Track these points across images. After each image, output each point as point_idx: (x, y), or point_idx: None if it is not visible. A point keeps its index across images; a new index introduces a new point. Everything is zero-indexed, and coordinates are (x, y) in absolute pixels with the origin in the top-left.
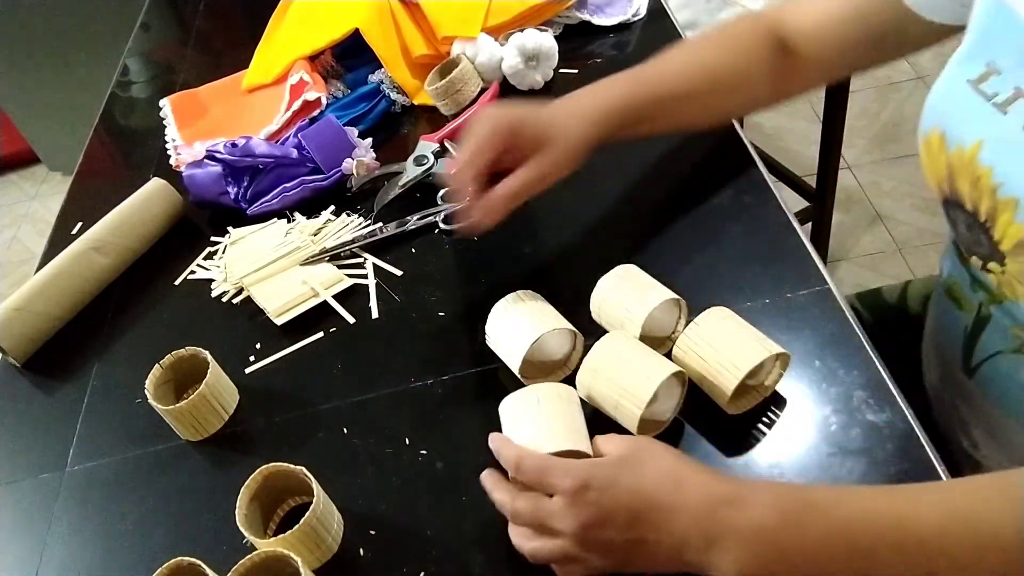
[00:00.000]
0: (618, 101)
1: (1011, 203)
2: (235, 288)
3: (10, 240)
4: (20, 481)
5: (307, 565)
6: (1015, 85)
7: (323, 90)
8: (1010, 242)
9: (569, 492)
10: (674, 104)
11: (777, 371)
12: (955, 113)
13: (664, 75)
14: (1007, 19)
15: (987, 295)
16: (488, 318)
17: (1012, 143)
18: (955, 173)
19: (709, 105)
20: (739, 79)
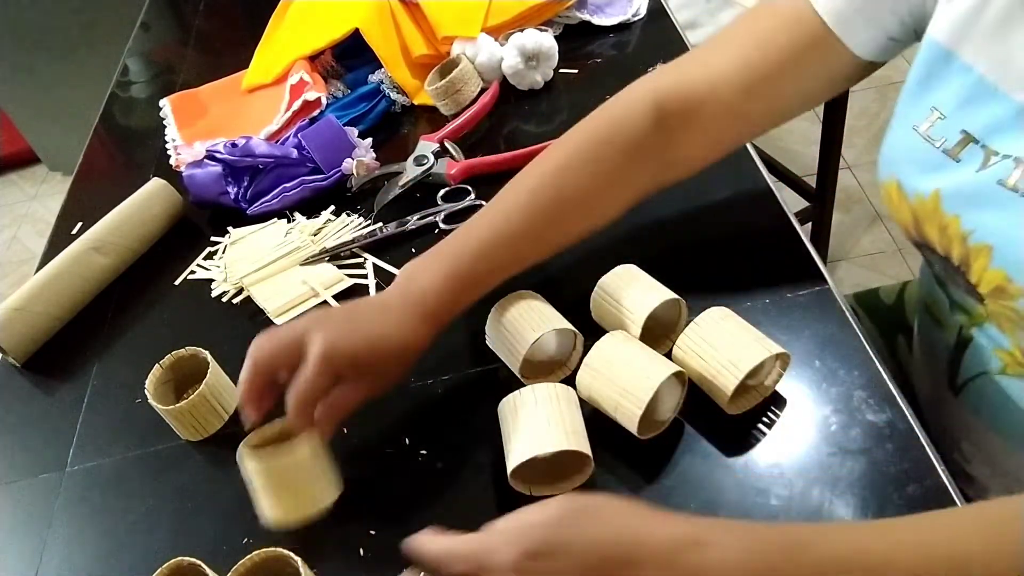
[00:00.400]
0: (452, 283)
1: (984, 249)
2: (235, 288)
3: (10, 240)
4: (20, 481)
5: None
6: (961, 128)
7: (323, 90)
8: (988, 286)
9: (513, 566)
10: (521, 258)
11: (777, 371)
12: (908, 162)
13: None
14: (945, 62)
15: (967, 318)
16: (488, 318)
17: (971, 191)
18: (921, 221)
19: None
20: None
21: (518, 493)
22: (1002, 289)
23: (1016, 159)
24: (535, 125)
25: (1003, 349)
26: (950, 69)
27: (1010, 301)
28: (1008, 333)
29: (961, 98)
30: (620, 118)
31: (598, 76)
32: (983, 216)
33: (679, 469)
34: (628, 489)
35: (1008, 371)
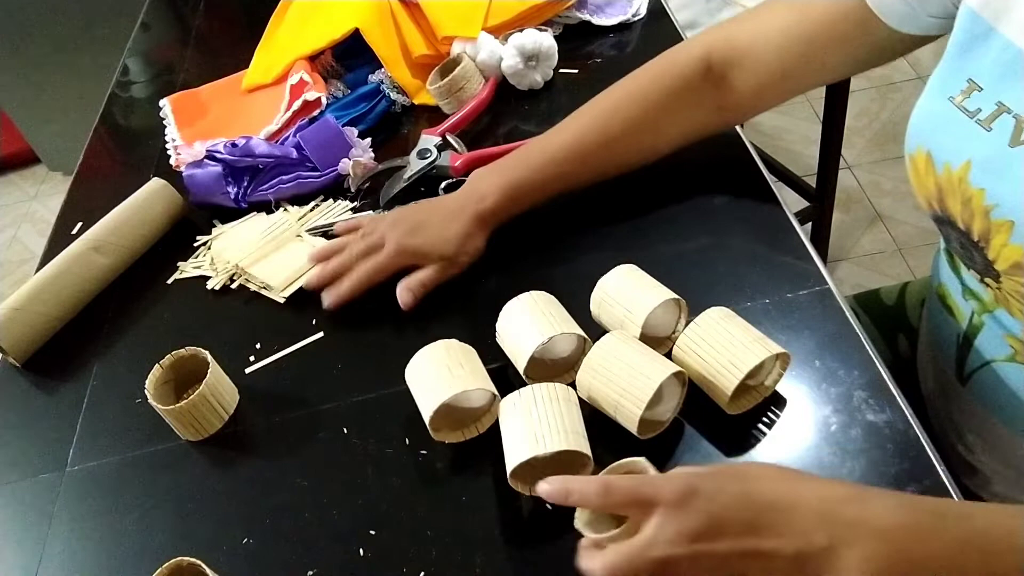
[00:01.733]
0: (511, 189)
1: (1006, 225)
2: (226, 275)
3: (10, 240)
4: (20, 481)
5: None
6: (997, 100)
7: (323, 90)
8: (1005, 263)
9: (673, 501)
10: (572, 178)
11: (777, 371)
12: (940, 132)
13: (575, 135)
14: (985, 36)
15: (978, 304)
16: (500, 314)
17: (1000, 162)
18: (945, 193)
19: (628, 151)
20: (657, 122)
21: (518, 493)
22: (1019, 265)
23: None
24: (535, 125)
25: (1013, 336)
26: (989, 43)
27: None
28: (1019, 317)
29: (1000, 71)
30: (671, 63)
31: (598, 76)
32: (1009, 191)
33: None
34: None
35: (1017, 358)
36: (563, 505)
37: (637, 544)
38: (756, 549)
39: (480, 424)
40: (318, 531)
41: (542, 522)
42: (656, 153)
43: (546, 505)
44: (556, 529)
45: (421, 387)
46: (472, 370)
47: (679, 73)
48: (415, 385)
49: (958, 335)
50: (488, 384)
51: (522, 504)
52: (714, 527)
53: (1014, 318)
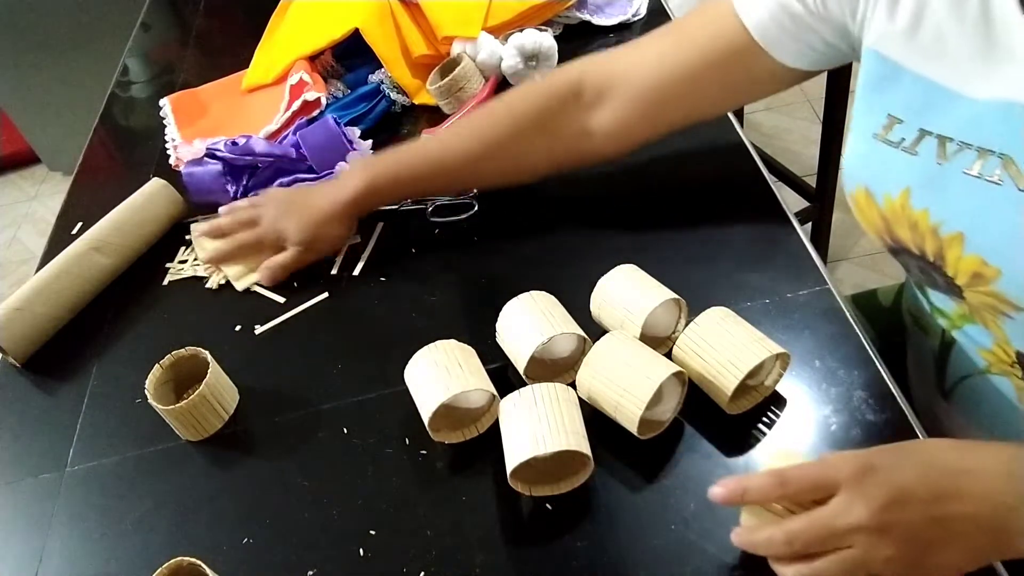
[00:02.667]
0: (387, 174)
1: (956, 238)
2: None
3: (10, 240)
4: (20, 481)
5: None
6: (918, 127)
7: (323, 90)
8: (965, 275)
9: (853, 477)
10: (453, 174)
11: (777, 371)
12: (872, 167)
13: (441, 147)
14: (894, 74)
15: (948, 321)
16: (500, 314)
17: (934, 180)
18: (891, 223)
19: (492, 174)
20: (523, 144)
21: (518, 493)
22: (979, 275)
23: (976, 148)
24: None
25: (985, 349)
26: (899, 78)
27: (988, 285)
28: (990, 328)
29: (917, 102)
30: (546, 83)
31: None
32: (950, 205)
33: (679, 469)
34: (628, 489)
35: (993, 370)
36: (738, 504)
37: (823, 513)
38: (944, 515)
39: (480, 424)
40: (318, 531)
41: (542, 522)
42: (520, 175)
43: (546, 505)
44: (556, 529)
45: (420, 387)
46: (472, 370)
47: (548, 92)
48: (415, 385)
49: (933, 353)
50: (488, 384)
51: (522, 504)
52: (900, 498)
53: (987, 330)
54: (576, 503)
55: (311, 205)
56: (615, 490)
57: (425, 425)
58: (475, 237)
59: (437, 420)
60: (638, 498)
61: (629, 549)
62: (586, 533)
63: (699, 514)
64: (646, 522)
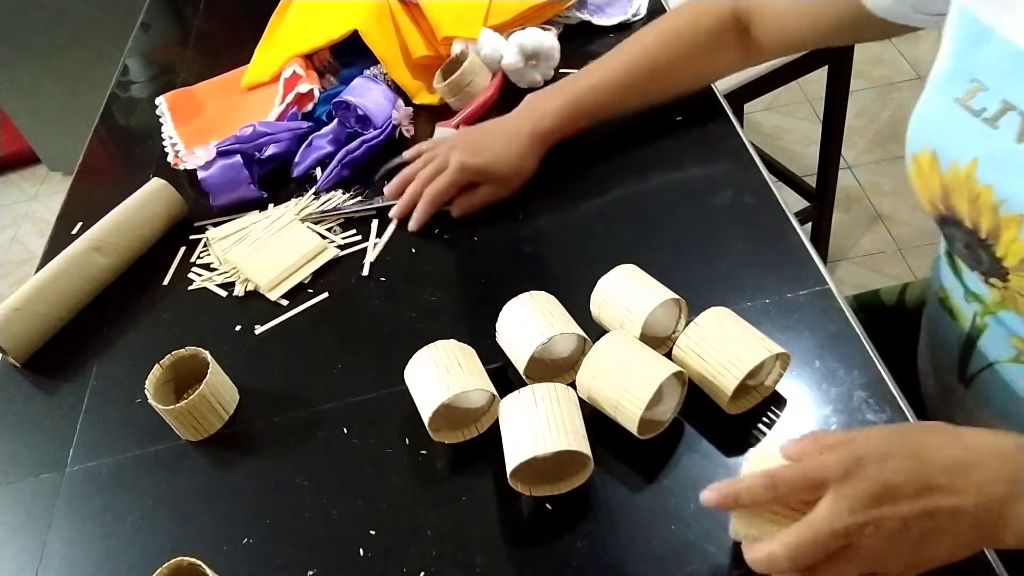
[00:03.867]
0: (568, 110)
1: (1015, 220)
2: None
3: (10, 240)
4: (20, 481)
5: None
6: (1002, 98)
7: (316, 82)
8: (1015, 258)
9: (840, 475)
10: (621, 98)
11: (777, 371)
12: (945, 132)
13: (626, 64)
14: (985, 37)
15: (981, 306)
16: (500, 314)
17: (1008, 159)
18: (951, 192)
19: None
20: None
21: (518, 493)
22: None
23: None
24: None
25: (1018, 336)
26: (990, 43)
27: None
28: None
29: (1003, 70)
30: (704, 11)
31: None
32: (1018, 186)
33: (679, 469)
34: (628, 489)
35: (1022, 359)
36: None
37: (816, 520)
38: (936, 507)
39: (480, 424)
40: (318, 531)
41: (542, 522)
42: (695, 85)
43: (546, 505)
44: (556, 529)
45: (421, 387)
46: (472, 370)
47: (712, 23)
48: (415, 385)
49: (960, 337)
50: (488, 384)
51: (522, 504)
52: (888, 491)
53: (1020, 317)
54: (576, 503)
55: (509, 140)
56: (615, 490)
57: (425, 425)
58: (475, 237)
59: (437, 420)
60: (638, 498)
61: (629, 549)
62: (586, 533)
63: (699, 514)
64: (646, 522)
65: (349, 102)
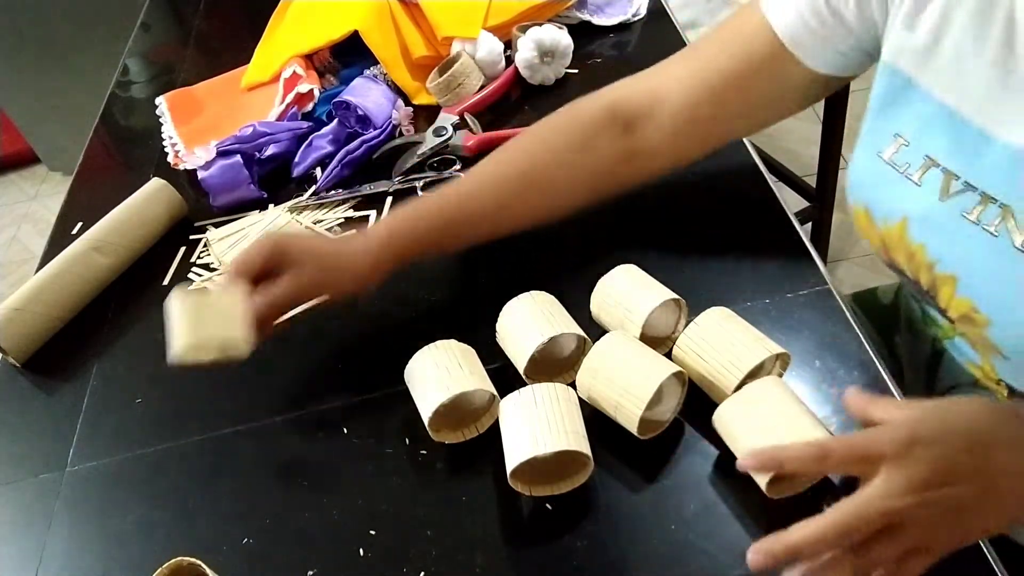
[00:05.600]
0: (406, 225)
1: (950, 279)
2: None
3: (10, 240)
4: (20, 481)
5: None
6: (924, 153)
7: (316, 82)
8: (956, 313)
9: (897, 453)
10: (477, 224)
11: (777, 371)
12: (874, 189)
13: (466, 195)
14: (905, 87)
15: (940, 331)
16: (500, 314)
17: (934, 218)
18: (889, 247)
19: (525, 215)
20: (563, 180)
21: (518, 493)
22: (969, 318)
23: (981, 193)
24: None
25: (974, 364)
26: (911, 96)
27: (978, 329)
28: (979, 351)
29: (923, 124)
30: (578, 109)
31: (598, 76)
32: (948, 246)
33: (679, 469)
34: (628, 489)
35: (981, 384)
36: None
37: (865, 498)
38: (991, 486)
39: (480, 424)
40: (318, 531)
41: (542, 522)
42: (558, 208)
43: (546, 505)
44: (556, 529)
45: (421, 387)
46: (472, 370)
47: (581, 117)
48: (415, 385)
49: (924, 358)
50: (488, 384)
51: (522, 504)
52: (943, 472)
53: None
54: (576, 503)
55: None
56: (615, 490)
57: (425, 425)
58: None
59: (437, 420)
60: (638, 498)
61: (629, 549)
62: (586, 533)
63: (699, 514)
64: (646, 522)
65: (349, 102)
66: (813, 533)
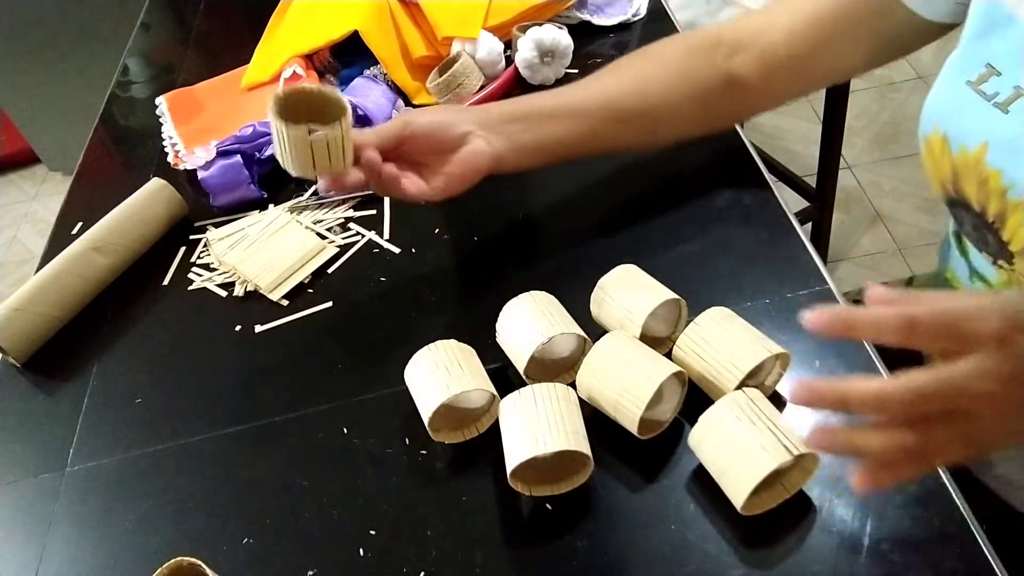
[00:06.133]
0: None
1: (1022, 205)
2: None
3: (10, 240)
4: (20, 481)
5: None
6: (1015, 84)
7: (315, 82)
8: (1020, 243)
9: (999, 337)
10: (595, 136)
11: (777, 371)
12: (957, 115)
13: (587, 98)
14: (1004, 20)
15: (986, 287)
16: (500, 314)
17: (1018, 144)
18: (960, 175)
19: (636, 131)
20: (672, 97)
21: (518, 493)
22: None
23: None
24: None
25: None
26: (1008, 28)
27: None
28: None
29: (1019, 56)
30: (683, 37)
31: None
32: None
33: (679, 469)
34: (628, 489)
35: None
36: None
37: (959, 372)
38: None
39: (480, 424)
40: (318, 531)
41: (542, 522)
42: (665, 131)
43: (546, 505)
44: (556, 529)
45: (421, 387)
46: (472, 370)
47: (689, 41)
48: (415, 385)
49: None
50: (488, 384)
51: (522, 504)
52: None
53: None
54: (576, 503)
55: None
56: (615, 490)
57: (425, 425)
58: (475, 237)
59: (437, 420)
60: (638, 498)
61: (629, 549)
62: (586, 533)
63: (699, 514)
64: (646, 522)
65: (349, 102)
66: (874, 392)
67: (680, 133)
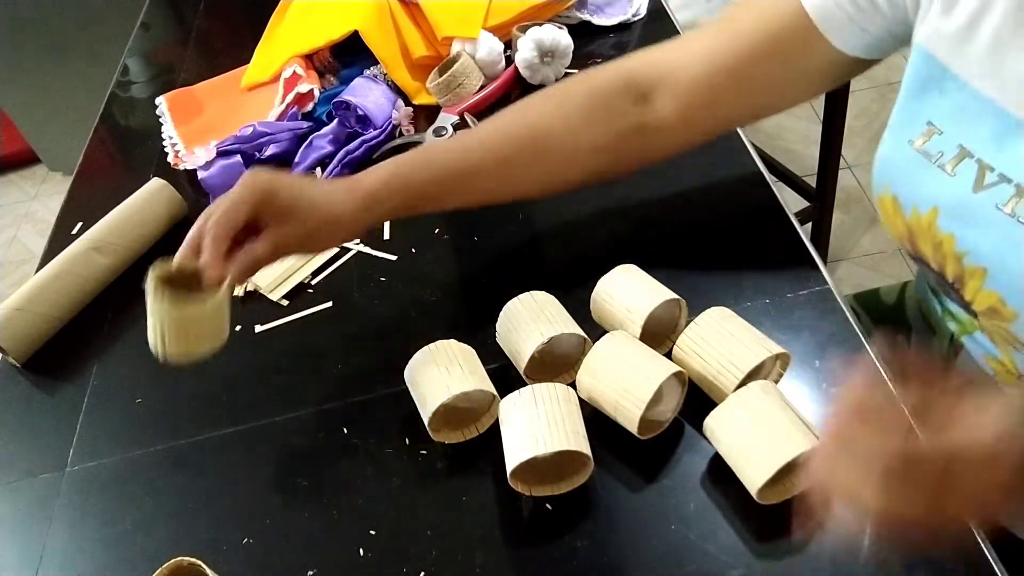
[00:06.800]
0: (394, 180)
1: (979, 271)
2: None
3: (10, 240)
4: (20, 481)
5: None
6: (958, 143)
7: (316, 82)
8: (982, 305)
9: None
10: (474, 179)
11: (777, 371)
12: (904, 177)
13: (465, 147)
14: (939, 73)
15: (958, 326)
16: (500, 314)
17: (966, 209)
18: (915, 236)
19: (526, 178)
20: (570, 145)
21: (518, 493)
22: (996, 311)
23: (1016, 185)
24: None
25: (994, 358)
26: (944, 84)
27: (1004, 323)
28: (998, 346)
29: (958, 113)
30: (594, 76)
31: None
32: (979, 238)
33: (679, 469)
34: (628, 489)
35: (999, 379)
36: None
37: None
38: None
39: (480, 424)
40: (318, 531)
41: (542, 522)
42: (563, 179)
43: (546, 505)
44: (556, 529)
45: (421, 387)
46: (472, 370)
47: (594, 83)
48: (415, 385)
49: (941, 353)
50: (488, 384)
51: (522, 504)
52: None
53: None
54: (576, 503)
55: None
56: (615, 490)
57: (425, 425)
58: (475, 237)
59: (437, 420)
60: (638, 498)
61: (629, 549)
62: (586, 533)
63: (699, 514)
64: (646, 522)
65: (349, 102)
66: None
67: (579, 182)
